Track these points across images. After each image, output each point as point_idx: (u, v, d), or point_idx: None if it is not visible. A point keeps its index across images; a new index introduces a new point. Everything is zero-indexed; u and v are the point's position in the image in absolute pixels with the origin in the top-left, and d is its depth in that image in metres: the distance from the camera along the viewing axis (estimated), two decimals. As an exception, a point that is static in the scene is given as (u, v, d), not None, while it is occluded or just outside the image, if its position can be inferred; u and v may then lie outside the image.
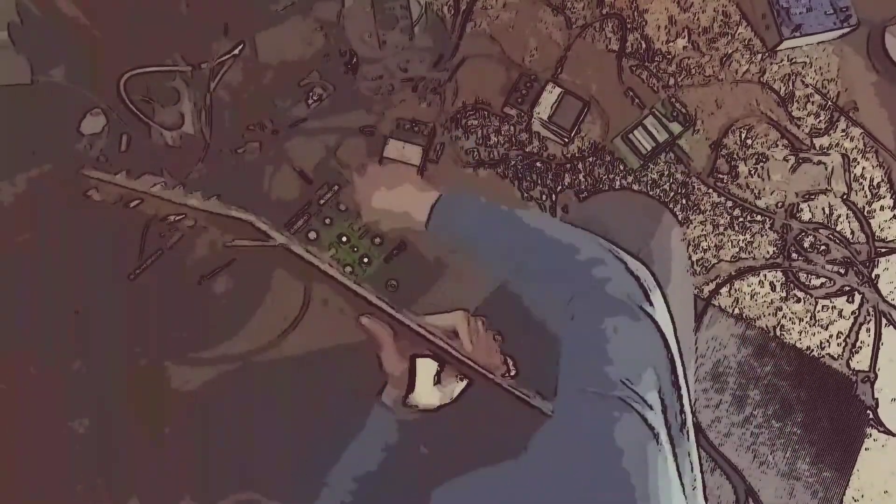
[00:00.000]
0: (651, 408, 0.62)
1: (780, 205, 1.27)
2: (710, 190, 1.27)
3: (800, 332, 1.24)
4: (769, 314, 1.24)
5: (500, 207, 0.87)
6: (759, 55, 1.32)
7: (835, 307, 1.25)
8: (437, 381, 0.78)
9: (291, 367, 1.15)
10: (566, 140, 1.24)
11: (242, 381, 1.15)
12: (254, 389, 1.14)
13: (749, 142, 1.29)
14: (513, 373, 0.79)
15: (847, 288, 1.24)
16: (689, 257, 1.25)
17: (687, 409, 0.69)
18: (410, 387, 0.76)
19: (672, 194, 1.27)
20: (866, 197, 1.28)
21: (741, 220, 1.27)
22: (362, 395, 0.81)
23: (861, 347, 1.23)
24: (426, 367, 0.77)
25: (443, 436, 0.80)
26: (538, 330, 0.81)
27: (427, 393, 0.76)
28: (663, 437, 0.61)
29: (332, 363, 1.15)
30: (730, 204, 1.27)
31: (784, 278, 1.25)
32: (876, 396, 1.20)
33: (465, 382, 0.80)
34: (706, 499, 0.72)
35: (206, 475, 1.10)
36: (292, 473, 1.06)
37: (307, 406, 1.09)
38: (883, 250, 1.26)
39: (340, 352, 1.15)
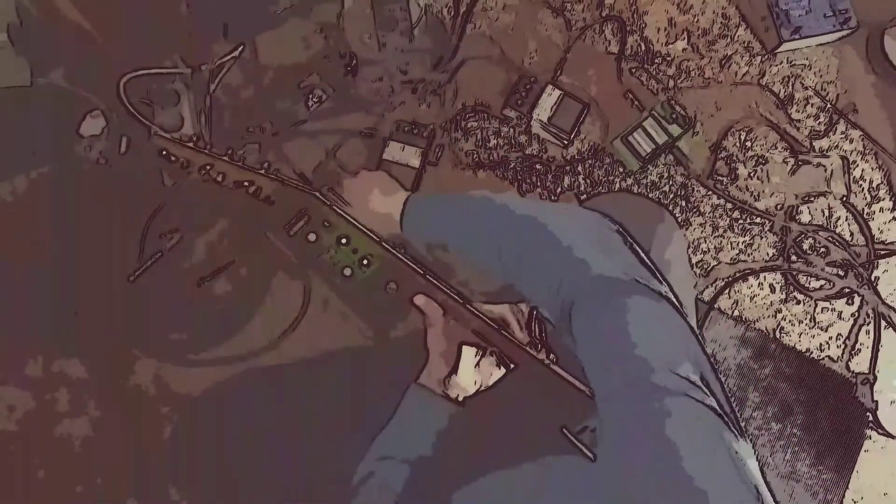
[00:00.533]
0: (706, 393, 0.52)
1: (779, 207, 1.27)
2: (710, 192, 1.27)
3: (799, 334, 1.24)
4: (769, 316, 1.24)
5: (470, 196, 0.86)
6: (759, 57, 1.32)
7: (834, 309, 1.25)
8: (477, 367, 0.79)
9: (291, 369, 1.15)
10: (566, 142, 1.24)
11: (242, 383, 1.15)
12: (254, 390, 1.14)
13: (748, 144, 1.29)
14: (553, 359, 0.80)
15: (846, 290, 1.24)
16: (689, 259, 1.25)
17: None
18: (454, 370, 0.77)
19: (671, 196, 1.27)
20: (866, 199, 1.28)
21: (741, 222, 1.27)
22: (374, 394, 0.82)
23: (860, 349, 1.23)
24: (468, 355, 0.79)
25: (463, 437, 0.79)
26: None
27: (468, 378, 0.78)
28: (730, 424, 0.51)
29: (332, 364, 1.15)
30: (729, 206, 1.27)
31: (784, 280, 1.25)
32: (875, 398, 1.20)
33: (503, 371, 0.81)
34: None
35: (205, 476, 1.10)
36: (292, 475, 1.06)
37: (308, 407, 1.09)
38: (882, 252, 1.26)
39: (341, 353, 1.16)
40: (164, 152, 0.94)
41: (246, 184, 0.92)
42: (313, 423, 1.06)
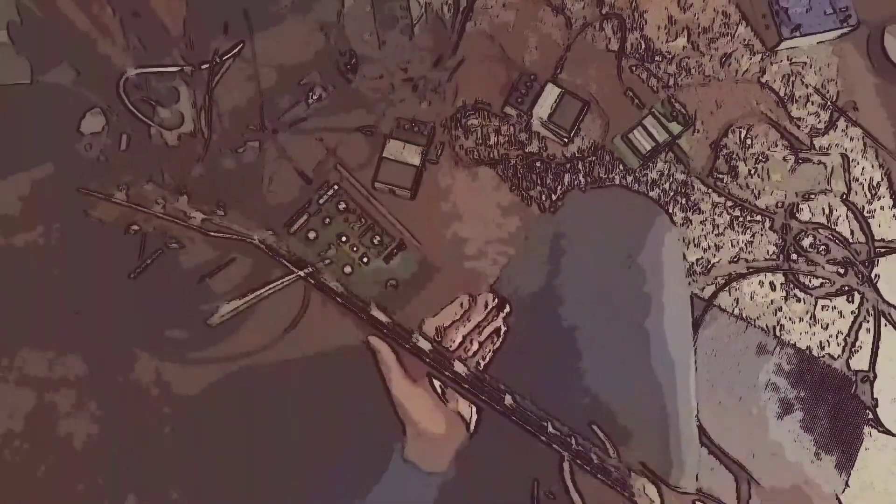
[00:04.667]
0: None
1: (779, 205, 1.27)
2: (710, 190, 1.27)
3: (799, 332, 1.24)
4: (769, 314, 1.24)
5: None
6: (759, 55, 1.32)
7: (834, 307, 1.25)
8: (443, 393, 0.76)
9: (292, 368, 1.15)
10: (566, 140, 1.24)
11: (243, 382, 1.15)
12: (255, 390, 1.14)
13: (749, 142, 1.29)
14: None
15: (847, 288, 1.24)
16: (685, 258, 1.24)
17: None
18: (442, 400, 0.71)
19: (672, 194, 1.27)
20: (866, 197, 1.28)
21: (741, 219, 1.27)
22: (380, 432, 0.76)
23: (861, 347, 1.23)
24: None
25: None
26: (539, 333, 0.79)
27: (462, 404, 0.73)
28: None
29: (332, 364, 1.15)
30: (729, 204, 1.27)
31: (784, 278, 1.25)
32: (875, 396, 1.20)
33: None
34: None
35: (205, 476, 1.10)
36: (293, 475, 1.06)
37: (308, 407, 1.09)
38: (882, 250, 1.26)
39: (341, 352, 1.15)
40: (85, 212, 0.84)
41: (175, 245, 0.85)
42: (314, 421, 1.06)
